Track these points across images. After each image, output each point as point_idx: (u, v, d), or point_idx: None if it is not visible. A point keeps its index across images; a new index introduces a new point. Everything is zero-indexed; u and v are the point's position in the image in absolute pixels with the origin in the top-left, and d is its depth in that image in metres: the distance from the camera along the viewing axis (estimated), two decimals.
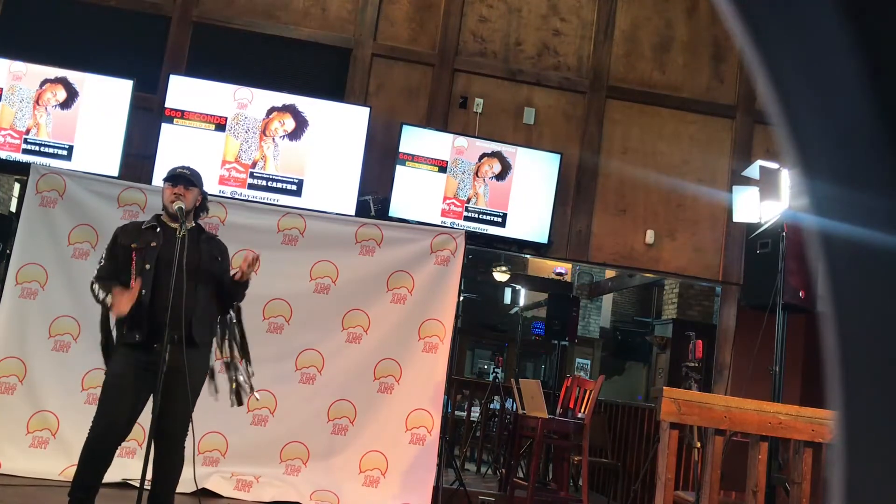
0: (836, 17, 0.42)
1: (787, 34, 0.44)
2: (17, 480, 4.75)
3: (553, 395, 6.92)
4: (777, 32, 0.44)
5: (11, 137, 5.74)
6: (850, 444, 0.45)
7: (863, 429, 0.45)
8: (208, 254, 3.69)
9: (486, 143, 6.06)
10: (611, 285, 11.98)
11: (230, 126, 5.82)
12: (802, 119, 0.45)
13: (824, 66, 0.43)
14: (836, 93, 0.43)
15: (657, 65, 6.56)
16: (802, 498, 3.31)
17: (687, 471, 5.63)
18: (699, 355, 5.57)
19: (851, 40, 0.42)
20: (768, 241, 4.56)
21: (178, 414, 3.49)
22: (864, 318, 0.45)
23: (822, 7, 0.42)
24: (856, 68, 0.42)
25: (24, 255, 5.26)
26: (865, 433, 0.45)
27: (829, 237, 0.45)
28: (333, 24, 6.36)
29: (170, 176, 3.69)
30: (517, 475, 6.27)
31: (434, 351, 5.42)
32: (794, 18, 0.43)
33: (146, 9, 6.26)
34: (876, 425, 0.44)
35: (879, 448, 0.44)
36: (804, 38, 0.44)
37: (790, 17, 0.44)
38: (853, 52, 0.42)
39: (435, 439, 5.32)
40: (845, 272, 0.45)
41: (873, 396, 0.44)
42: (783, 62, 0.45)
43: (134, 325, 3.50)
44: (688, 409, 3.22)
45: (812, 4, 0.43)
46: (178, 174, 3.67)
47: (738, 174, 5.76)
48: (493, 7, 6.48)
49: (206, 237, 3.79)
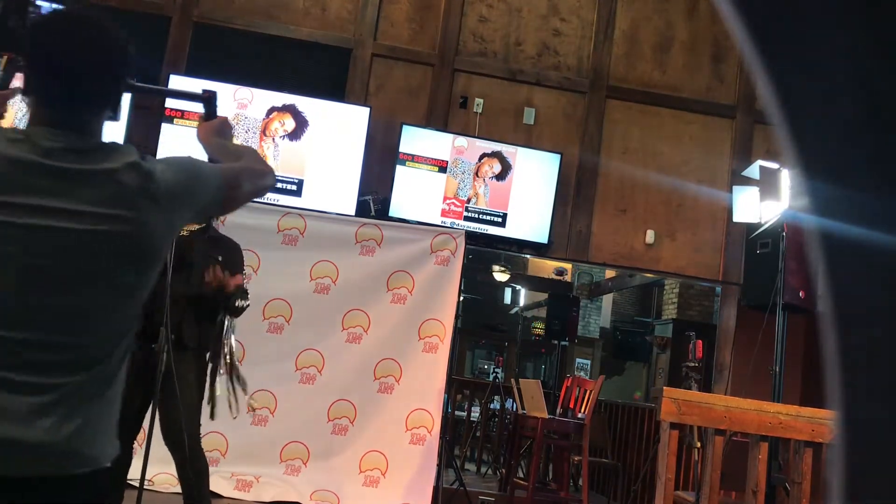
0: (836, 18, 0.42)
1: (787, 35, 0.44)
2: None
3: (553, 395, 6.93)
4: (777, 33, 0.44)
5: None
6: (850, 443, 0.45)
7: (863, 429, 0.45)
8: (204, 253, 3.67)
9: (486, 143, 6.06)
10: (611, 285, 11.98)
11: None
12: (802, 119, 0.45)
13: (824, 67, 0.43)
14: (836, 93, 0.43)
15: (657, 65, 6.56)
16: (802, 498, 3.31)
17: (687, 471, 5.64)
18: (699, 355, 5.57)
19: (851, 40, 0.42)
20: (768, 241, 4.57)
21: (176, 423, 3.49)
22: (864, 318, 0.45)
23: (822, 7, 0.42)
24: (856, 68, 0.42)
25: None
26: (865, 433, 0.45)
27: (829, 237, 0.45)
28: (333, 24, 6.37)
29: None
30: (517, 475, 6.27)
31: (434, 351, 5.42)
32: (794, 19, 0.43)
33: (146, 9, 6.26)
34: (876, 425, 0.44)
35: (879, 448, 0.44)
36: (804, 39, 0.44)
37: (790, 18, 0.44)
38: (853, 52, 0.42)
39: (435, 439, 5.32)
40: (845, 272, 0.45)
41: (873, 396, 0.44)
42: (783, 62, 0.45)
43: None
44: (688, 409, 3.22)
45: (812, 5, 0.43)
46: None
47: (738, 174, 5.76)
48: (493, 7, 6.48)
49: (209, 237, 3.76)
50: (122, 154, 1.39)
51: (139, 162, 1.39)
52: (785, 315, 4.40)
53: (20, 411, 1.28)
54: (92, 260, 1.34)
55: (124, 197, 1.35)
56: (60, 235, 1.31)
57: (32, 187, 1.31)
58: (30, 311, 1.31)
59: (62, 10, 1.47)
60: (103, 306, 1.37)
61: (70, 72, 1.38)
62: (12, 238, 1.29)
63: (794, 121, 0.45)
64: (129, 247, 1.37)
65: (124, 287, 1.40)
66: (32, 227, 1.30)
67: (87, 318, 1.35)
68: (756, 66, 0.45)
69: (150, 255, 1.41)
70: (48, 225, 1.30)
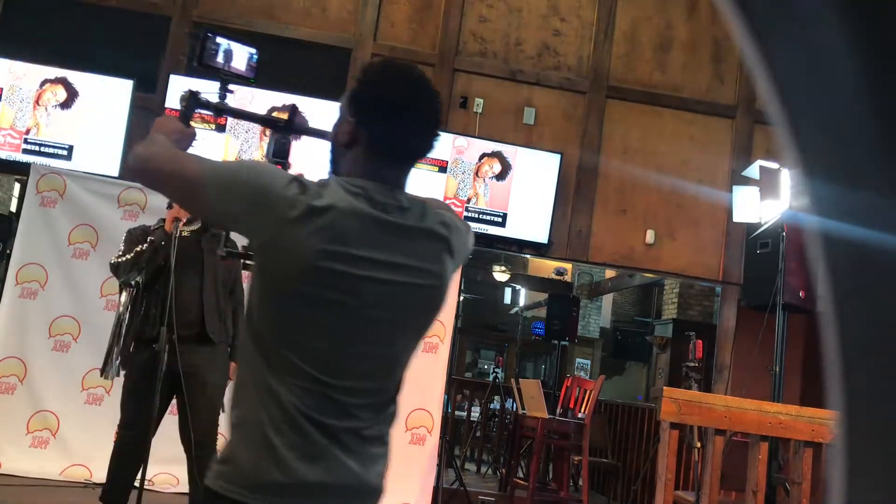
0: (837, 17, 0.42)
1: (788, 34, 0.44)
2: (17, 480, 4.75)
3: (553, 395, 6.92)
4: (777, 32, 0.44)
5: (12, 137, 5.74)
6: (851, 443, 0.45)
7: (863, 429, 0.45)
8: (209, 250, 3.68)
9: (487, 143, 6.06)
10: (611, 285, 11.98)
11: (231, 126, 5.82)
12: (802, 119, 0.45)
13: (824, 67, 0.43)
14: (837, 93, 0.43)
15: (657, 65, 6.56)
16: (802, 498, 3.31)
17: (687, 471, 5.63)
18: (699, 355, 5.56)
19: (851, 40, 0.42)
20: (768, 241, 4.56)
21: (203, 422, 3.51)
22: (864, 319, 0.45)
23: (823, 7, 0.42)
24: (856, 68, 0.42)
25: (24, 255, 5.25)
26: (865, 433, 0.45)
27: (829, 237, 0.45)
28: (333, 24, 6.36)
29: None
30: (517, 475, 6.27)
31: (434, 351, 5.42)
32: (795, 18, 0.43)
33: (146, 9, 6.26)
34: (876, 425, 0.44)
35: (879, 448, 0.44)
36: (805, 38, 0.44)
37: (791, 17, 0.44)
38: (853, 52, 0.42)
39: (435, 439, 5.32)
40: (845, 272, 0.45)
41: (873, 396, 0.44)
42: (784, 62, 0.45)
43: (146, 325, 3.54)
44: (688, 409, 3.22)
45: (812, 4, 0.43)
46: None
47: (738, 174, 5.76)
48: (493, 7, 6.48)
49: (210, 234, 3.77)
50: (433, 210, 1.45)
51: (448, 220, 1.46)
52: (785, 315, 4.39)
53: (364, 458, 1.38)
54: (409, 311, 1.42)
55: (437, 253, 1.43)
56: (392, 287, 1.37)
57: (373, 241, 1.35)
58: (357, 359, 1.38)
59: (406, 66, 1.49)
60: (408, 353, 1.46)
61: (422, 130, 1.43)
62: (352, 289, 1.34)
63: (795, 120, 0.45)
64: (435, 299, 1.45)
65: (423, 334, 1.49)
66: (369, 278, 1.34)
67: (395, 365, 1.44)
68: (756, 64, 0.45)
69: (443, 304, 1.49)
70: (383, 277, 1.36)
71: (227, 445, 1.37)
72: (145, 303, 3.58)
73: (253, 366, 1.35)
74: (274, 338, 1.34)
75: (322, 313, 1.34)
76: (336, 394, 1.34)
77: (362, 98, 1.44)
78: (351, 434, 1.36)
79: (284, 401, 1.31)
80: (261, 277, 1.37)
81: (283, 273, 1.32)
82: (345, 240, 1.32)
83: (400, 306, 1.39)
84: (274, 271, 1.34)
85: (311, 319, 1.34)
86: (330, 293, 1.32)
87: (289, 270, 1.32)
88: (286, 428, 1.31)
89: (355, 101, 1.45)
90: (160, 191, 1.52)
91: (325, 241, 1.30)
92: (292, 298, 1.33)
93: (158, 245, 3.52)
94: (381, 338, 1.39)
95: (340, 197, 1.34)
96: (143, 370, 3.49)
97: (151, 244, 3.51)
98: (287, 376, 1.32)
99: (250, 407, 1.34)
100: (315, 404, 1.32)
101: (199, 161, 1.42)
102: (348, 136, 1.43)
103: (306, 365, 1.32)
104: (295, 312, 1.34)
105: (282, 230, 1.31)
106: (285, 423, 1.31)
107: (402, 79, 1.43)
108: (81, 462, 4.90)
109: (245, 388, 1.37)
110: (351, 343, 1.36)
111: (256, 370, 1.34)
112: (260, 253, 1.36)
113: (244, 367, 1.39)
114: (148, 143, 1.49)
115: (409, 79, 1.43)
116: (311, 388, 1.33)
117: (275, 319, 1.35)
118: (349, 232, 1.33)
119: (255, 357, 1.35)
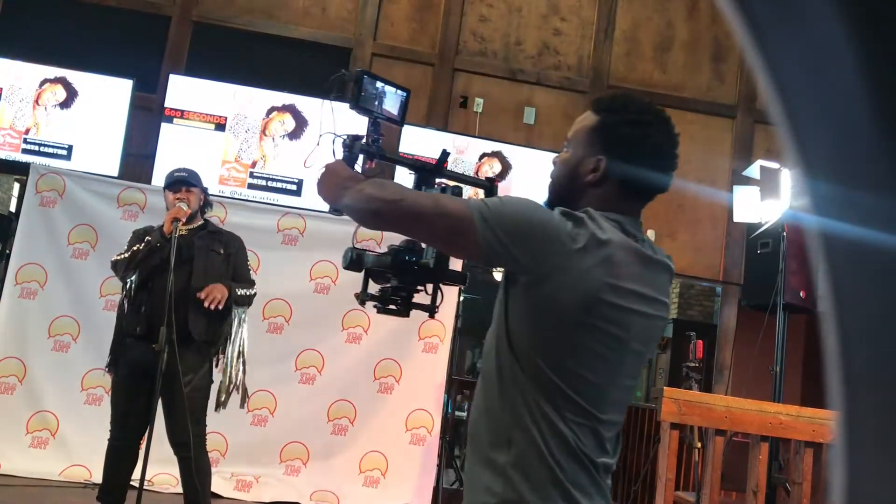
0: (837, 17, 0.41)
1: (789, 33, 0.44)
2: (17, 480, 4.75)
3: None
4: (778, 32, 0.44)
5: (11, 137, 5.74)
6: (851, 444, 0.45)
7: (863, 429, 0.44)
8: (205, 248, 3.68)
9: (487, 142, 6.05)
10: None
11: (230, 126, 5.81)
12: (803, 119, 0.45)
13: (825, 66, 0.43)
14: (837, 93, 0.43)
15: (657, 65, 6.56)
16: (803, 498, 3.31)
17: (687, 471, 5.63)
18: (699, 355, 5.56)
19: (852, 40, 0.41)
20: (769, 241, 4.56)
21: (180, 423, 3.51)
22: (864, 318, 0.44)
23: (823, 6, 0.42)
24: (856, 68, 0.42)
25: (24, 255, 5.25)
26: (865, 433, 0.44)
27: (829, 237, 0.45)
28: (333, 24, 6.36)
29: (169, 183, 3.69)
30: None
31: (434, 351, 5.42)
32: (795, 18, 0.43)
33: (146, 9, 6.26)
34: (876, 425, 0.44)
35: (879, 448, 0.44)
36: (805, 38, 0.43)
37: (791, 17, 0.43)
38: (853, 51, 0.41)
39: (435, 439, 5.31)
40: (845, 272, 0.45)
41: (873, 396, 0.44)
42: (784, 61, 0.44)
43: (134, 325, 3.54)
44: (688, 410, 3.22)
45: (813, 4, 0.42)
46: (177, 179, 3.68)
47: (738, 174, 5.76)
48: (493, 7, 6.48)
49: (207, 232, 3.78)
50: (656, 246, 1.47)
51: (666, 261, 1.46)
52: (785, 315, 4.39)
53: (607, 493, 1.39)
54: (653, 344, 1.46)
55: (667, 285, 1.46)
56: (649, 321, 1.40)
57: (637, 274, 1.37)
58: (619, 392, 1.39)
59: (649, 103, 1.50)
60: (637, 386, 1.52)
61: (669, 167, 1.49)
62: (625, 323, 1.35)
63: (795, 120, 0.45)
64: (662, 331, 1.49)
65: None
66: (637, 312, 1.37)
67: (631, 397, 1.49)
68: (757, 63, 0.45)
69: None
70: (644, 311, 1.38)
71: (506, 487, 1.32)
72: (136, 301, 3.59)
73: (527, 401, 1.33)
74: (550, 368, 1.33)
75: (599, 346, 1.34)
76: (601, 428, 1.35)
77: (620, 136, 1.43)
78: (605, 470, 1.37)
79: (567, 437, 1.31)
80: (538, 307, 1.35)
81: (568, 303, 1.31)
82: (620, 273, 1.33)
83: (650, 339, 1.43)
84: (559, 300, 1.31)
85: (587, 352, 1.34)
86: (607, 326, 1.33)
87: (574, 300, 1.31)
88: (566, 464, 1.31)
89: (610, 137, 1.43)
90: (410, 232, 1.51)
91: (607, 273, 1.31)
92: (573, 328, 1.33)
93: (154, 246, 3.52)
94: (634, 371, 1.42)
95: (612, 229, 1.35)
96: (131, 367, 3.51)
97: (147, 244, 3.52)
98: (565, 411, 1.32)
99: (531, 444, 1.31)
100: (586, 439, 1.33)
101: (453, 198, 1.41)
102: (599, 172, 1.42)
103: (580, 398, 1.32)
104: (574, 343, 1.33)
105: (567, 261, 1.30)
106: (566, 459, 1.31)
107: (654, 116, 1.45)
108: (81, 462, 4.90)
109: (520, 427, 1.33)
110: (617, 376, 1.37)
111: (532, 405, 1.32)
112: (537, 283, 1.33)
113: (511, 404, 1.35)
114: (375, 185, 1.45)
115: (659, 117, 1.46)
116: (584, 422, 1.33)
117: (551, 350, 1.34)
118: (624, 265, 1.34)
119: (527, 390, 1.33)
